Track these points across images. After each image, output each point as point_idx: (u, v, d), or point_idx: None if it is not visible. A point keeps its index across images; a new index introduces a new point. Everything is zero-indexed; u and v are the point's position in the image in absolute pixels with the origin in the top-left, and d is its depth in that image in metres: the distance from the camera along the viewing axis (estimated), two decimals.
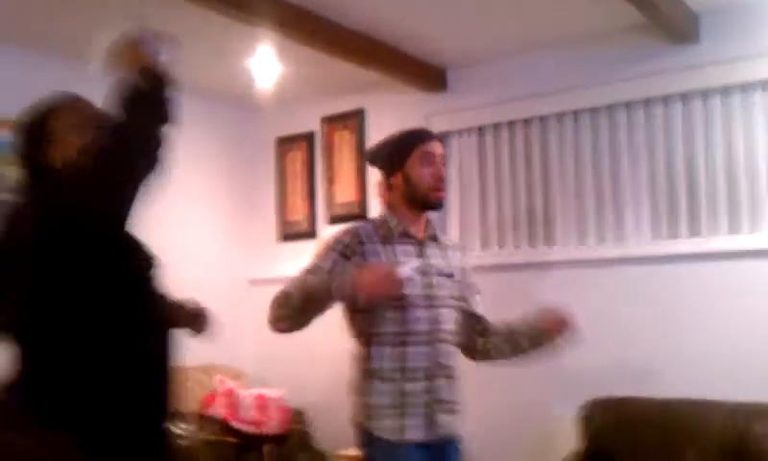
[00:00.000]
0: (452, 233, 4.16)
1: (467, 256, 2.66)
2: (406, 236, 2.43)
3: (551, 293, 3.75)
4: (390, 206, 2.49)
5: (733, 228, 3.41)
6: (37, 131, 1.88)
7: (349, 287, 2.19)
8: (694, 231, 3.50)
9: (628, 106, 3.68)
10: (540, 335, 2.55)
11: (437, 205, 2.47)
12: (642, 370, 3.45)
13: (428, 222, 2.52)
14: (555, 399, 3.67)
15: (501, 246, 4.02)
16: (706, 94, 3.48)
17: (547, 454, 3.51)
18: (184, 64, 3.62)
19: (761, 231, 3.33)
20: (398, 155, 2.45)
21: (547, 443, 3.63)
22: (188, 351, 2.06)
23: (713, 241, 3.42)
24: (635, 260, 3.58)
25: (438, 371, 2.38)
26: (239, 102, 4.61)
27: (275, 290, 4.79)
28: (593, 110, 3.77)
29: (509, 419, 3.78)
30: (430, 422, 2.36)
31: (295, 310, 2.30)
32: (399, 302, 2.32)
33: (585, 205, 3.78)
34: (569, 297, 3.67)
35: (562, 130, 3.86)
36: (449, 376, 2.43)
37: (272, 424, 3.93)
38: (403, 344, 2.33)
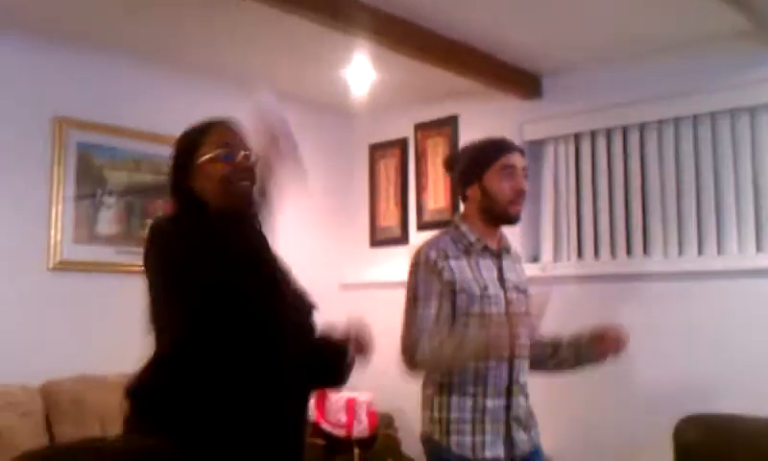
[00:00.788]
0: (546, 243, 4.10)
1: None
2: (486, 250, 2.38)
3: (647, 305, 3.65)
4: (464, 217, 2.44)
5: None
6: (185, 158, 1.93)
7: (497, 348, 2.19)
8: None
9: (732, 114, 3.54)
10: (587, 351, 2.46)
11: (514, 219, 2.39)
12: (738, 386, 3.31)
13: (502, 234, 2.47)
14: (647, 415, 3.56)
15: (597, 257, 3.93)
16: None
17: None
18: (282, 73, 3.73)
19: None
20: (478, 166, 2.38)
21: (640, 458, 3.52)
22: None
23: None
24: (736, 274, 3.44)
25: (516, 388, 2.35)
26: (334, 109, 4.68)
27: (365, 295, 4.85)
28: (696, 118, 3.64)
29: (598, 436, 3.69)
30: (509, 439, 2.32)
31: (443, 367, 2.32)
32: (483, 319, 2.28)
33: (684, 215, 3.66)
34: (666, 309, 3.59)
35: (661, 137, 3.75)
36: (526, 394, 2.39)
37: (360, 428, 3.96)
38: (485, 359, 2.29)
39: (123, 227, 3.74)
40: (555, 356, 2.52)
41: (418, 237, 4.47)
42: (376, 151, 4.83)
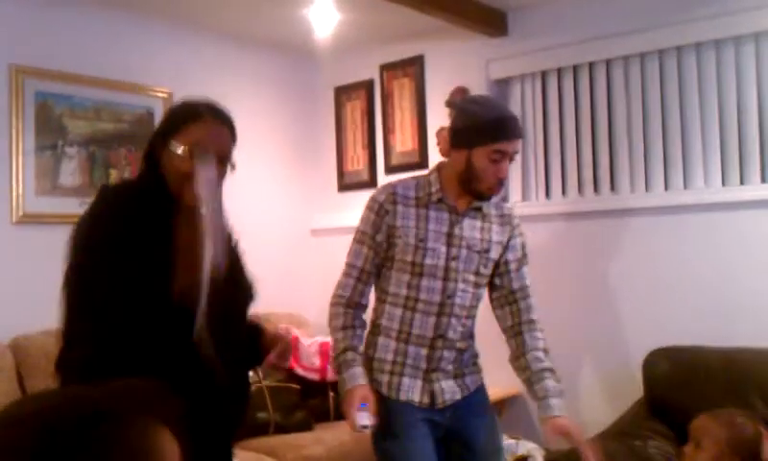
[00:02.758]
0: (514, 182, 4.11)
1: (516, 228, 2.48)
2: (443, 203, 2.36)
3: (614, 241, 3.69)
4: (440, 166, 2.41)
5: None
6: (164, 131, 1.89)
7: (341, 395, 2.31)
8: (765, 178, 3.38)
9: (698, 47, 3.54)
10: (543, 418, 2.38)
11: (487, 199, 2.37)
12: (709, 319, 3.38)
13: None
14: (619, 347, 3.63)
15: (565, 194, 3.94)
16: None
17: (611, 402, 3.48)
18: (243, 15, 3.65)
19: None
20: (472, 137, 2.29)
21: (612, 391, 3.60)
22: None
23: None
24: (703, 207, 3.48)
25: (441, 342, 2.36)
26: (297, 51, 4.59)
27: (335, 240, 4.86)
28: (661, 53, 3.64)
29: (572, 367, 3.75)
30: (430, 390, 2.35)
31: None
32: (416, 268, 2.32)
33: (652, 151, 3.68)
34: (633, 244, 3.63)
35: (628, 73, 3.74)
36: (457, 349, 2.40)
37: (332, 372, 3.98)
38: (413, 309, 2.33)
39: (86, 177, 3.66)
40: (527, 387, 2.46)
41: (386, 181, 4.44)
42: (342, 93, 4.76)
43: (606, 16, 3.74)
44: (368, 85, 4.64)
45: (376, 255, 2.35)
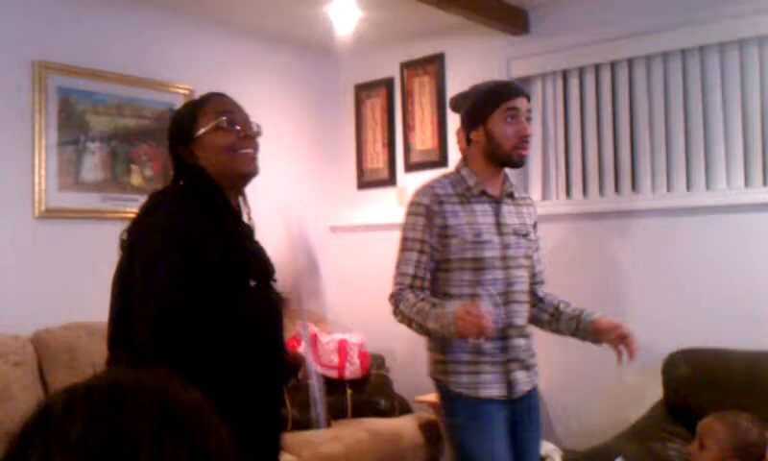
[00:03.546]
0: (534, 181, 4.09)
1: (535, 209, 2.62)
2: (484, 195, 2.40)
3: (636, 241, 3.67)
4: (467, 160, 2.45)
5: None
6: (185, 128, 1.89)
7: (451, 330, 2.19)
8: None
9: (721, 47, 3.50)
10: (587, 335, 2.50)
11: (519, 163, 2.42)
12: (730, 321, 3.35)
13: (506, 177, 2.49)
14: (640, 348, 3.60)
15: (586, 194, 3.92)
16: None
17: (630, 405, 3.45)
18: (266, 13, 3.66)
19: None
20: (482, 109, 2.38)
21: (630, 394, 3.57)
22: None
23: None
24: (725, 209, 3.44)
25: (514, 331, 2.39)
26: (318, 49, 4.60)
27: (354, 238, 4.88)
28: (684, 52, 3.60)
29: (592, 369, 3.73)
30: (506, 379, 2.38)
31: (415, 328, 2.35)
32: (477, 263, 2.33)
33: (674, 151, 3.64)
34: (655, 245, 3.60)
35: (650, 72, 3.71)
36: (525, 335, 2.45)
37: (352, 369, 3.99)
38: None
39: (107, 173, 3.69)
40: (553, 323, 2.58)
41: (405, 179, 4.45)
42: (362, 91, 4.76)
43: (628, 15, 3.71)
44: (388, 83, 4.63)
45: (431, 259, 2.35)
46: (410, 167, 4.49)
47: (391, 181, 4.57)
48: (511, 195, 2.47)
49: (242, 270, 1.79)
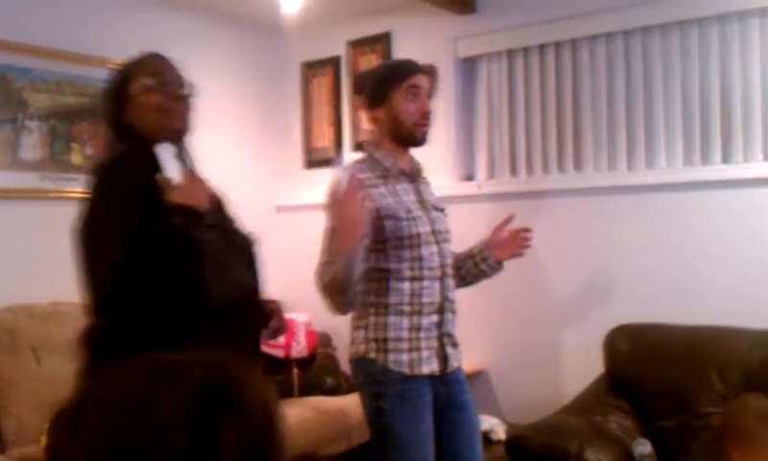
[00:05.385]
0: (479, 160, 4.12)
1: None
2: (403, 174, 2.41)
3: (579, 219, 3.72)
4: (375, 141, 2.44)
5: (766, 154, 3.33)
6: (119, 90, 1.92)
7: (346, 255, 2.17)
8: (727, 158, 3.43)
9: (663, 28, 3.57)
10: (485, 263, 2.56)
11: (421, 141, 2.42)
12: (670, 297, 3.43)
13: (411, 156, 2.49)
14: (579, 325, 3.68)
15: (530, 173, 3.96)
16: (743, 16, 3.36)
17: (573, 380, 3.53)
18: None
19: None
20: (383, 88, 2.38)
21: (573, 368, 3.65)
22: None
23: (747, 168, 3.34)
24: (666, 187, 3.52)
25: (447, 304, 2.41)
26: (264, 26, 4.54)
27: (300, 217, 4.85)
28: (627, 33, 3.66)
29: (535, 345, 3.80)
30: (443, 355, 2.39)
31: (348, 293, 2.26)
32: (414, 240, 2.34)
33: (616, 131, 3.71)
34: (597, 222, 3.67)
35: (594, 53, 3.76)
36: (455, 310, 2.46)
37: (299, 348, 3.99)
38: (420, 279, 2.34)
39: (47, 151, 3.60)
40: (464, 278, 2.61)
41: (352, 158, 4.43)
42: (309, 69, 4.73)
43: None
44: (335, 62, 4.60)
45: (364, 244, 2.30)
46: (358, 147, 4.48)
47: (338, 160, 4.55)
48: (420, 172, 2.50)
49: (162, 217, 1.81)
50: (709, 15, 3.42)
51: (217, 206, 1.98)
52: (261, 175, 4.68)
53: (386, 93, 2.37)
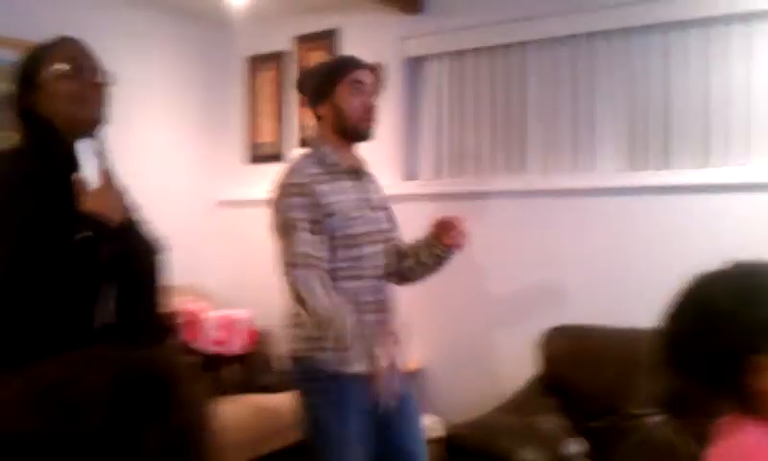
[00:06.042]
0: (425, 161, 4.14)
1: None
2: (347, 171, 2.40)
3: (521, 220, 3.77)
4: (322, 137, 2.43)
5: (704, 162, 3.41)
6: (29, 74, 1.78)
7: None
8: (665, 164, 3.51)
9: (607, 35, 3.63)
10: (434, 245, 2.52)
11: (365, 135, 2.43)
12: (604, 299, 3.48)
13: (357, 153, 2.50)
14: (515, 326, 3.72)
15: (477, 173, 3.99)
16: (685, 26, 3.43)
17: (507, 380, 3.56)
18: None
19: (731, 166, 3.33)
20: (326, 83, 2.38)
21: (509, 368, 3.68)
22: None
23: (683, 174, 3.42)
24: (606, 191, 3.57)
25: (383, 305, 2.42)
26: (208, 18, 4.48)
27: (243, 213, 4.78)
28: (573, 38, 3.71)
29: (471, 345, 3.83)
30: (376, 354, 2.37)
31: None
32: (358, 239, 2.34)
33: (560, 134, 3.76)
34: (537, 224, 3.71)
35: (541, 57, 3.80)
36: (393, 310, 2.46)
37: (237, 345, 3.94)
38: (360, 278, 2.34)
39: None
40: (419, 268, 2.58)
41: (297, 154, 4.41)
42: (255, 64, 4.68)
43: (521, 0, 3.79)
44: (281, 57, 4.57)
45: (321, 240, 2.29)
46: (302, 143, 4.45)
47: (282, 156, 4.52)
48: (364, 169, 2.50)
49: (67, 224, 1.69)
50: (652, 24, 3.48)
51: (128, 216, 1.85)
52: (202, 169, 4.61)
53: (329, 89, 2.37)
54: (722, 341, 1.16)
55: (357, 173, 2.44)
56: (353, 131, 2.40)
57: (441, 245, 2.50)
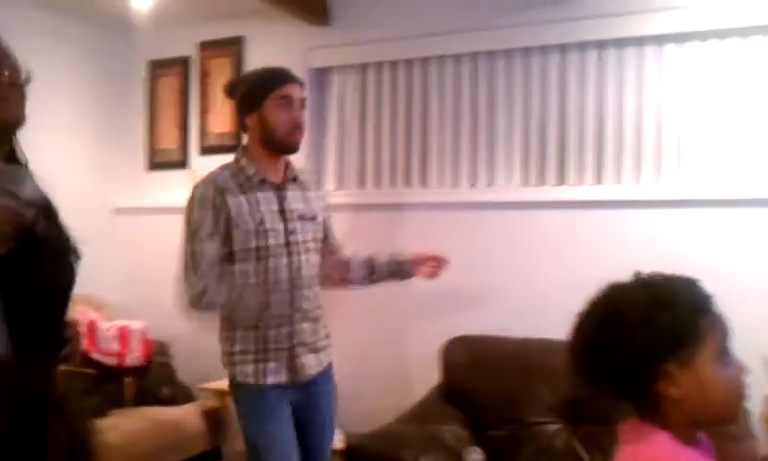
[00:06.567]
0: (329, 171, 4.14)
1: (323, 189, 2.72)
2: (265, 182, 2.41)
3: (423, 232, 3.82)
4: (244, 149, 2.46)
5: (598, 178, 3.54)
6: None
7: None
8: (561, 180, 3.63)
9: (507, 53, 3.73)
10: (403, 266, 2.69)
11: (293, 149, 2.45)
12: (505, 310, 3.57)
13: (288, 163, 2.51)
14: (417, 336, 3.76)
15: (378, 186, 4.02)
16: (582, 47, 3.57)
17: (408, 389, 3.60)
18: None
19: (624, 183, 3.47)
20: (256, 96, 2.40)
21: (409, 378, 3.72)
22: None
23: (579, 190, 3.55)
24: (504, 205, 3.67)
25: (299, 315, 2.42)
26: (111, 21, 4.35)
27: (142, 220, 4.68)
28: (474, 55, 3.80)
29: (377, 354, 3.85)
30: (293, 365, 2.41)
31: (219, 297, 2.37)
32: (260, 252, 2.35)
33: (460, 149, 3.83)
34: (439, 236, 3.77)
35: (442, 73, 3.87)
36: (312, 318, 2.48)
37: (133, 356, 3.83)
38: (266, 293, 2.36)
39: None
40: (373, 276, 2.70)
41: (199, 162, 4.34)
42: (157, 69, 4.58)
43: (426, 16, 3.84)
44: (184, 62, 4.49)
45: (221, 249, 2.35)
46: (205, 150, 4.38)
47: (184, 163, 4.43)
48: (295, 179, 2.50)
49: None
50: (550, 44, 3.61)
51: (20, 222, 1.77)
52: (101, 175, 4.47)
53: (258, 101, 2.39)
54: (632, 350, 1.19)
55: (279, 185, 2.44)
56: (280, 144, 2.41)
57: (412, 271, 2.70)
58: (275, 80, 2.42)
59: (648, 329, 1.19)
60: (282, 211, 2.42)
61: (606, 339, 1.23)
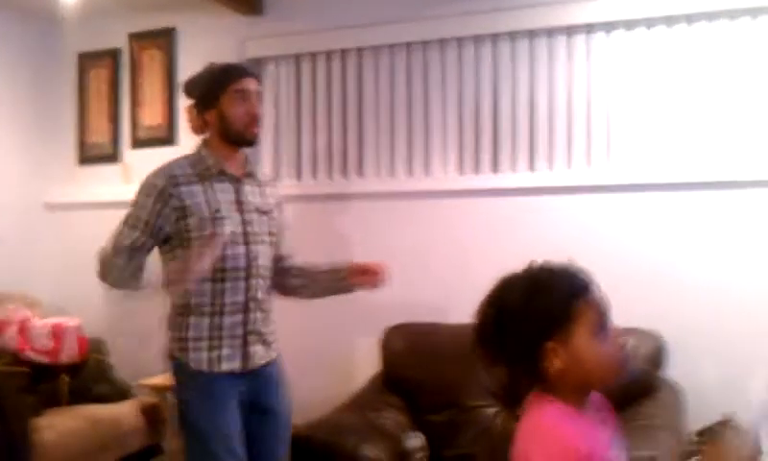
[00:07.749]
0: (265, 162, 4.12)
1: (278, 190, 2.74)
2: (223, 174, 2.46)
3: (359, 222, 3.84)
4: (205, 141, 2.51)
5: (531, 165, 3.61)
6: None
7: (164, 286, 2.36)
8: (496, 168, 3.68)
9: (441, 43, 3.76)
10: (342, 283, 2.67)
11: (251, 141, 2.51)
12: (443, 297, 3.61)
13: (246, 158, 2.57)
14: (358, 325, 3.79)
15: (315, 176, 4.02)
16: (514, 36, 3.63)
17: (350, 378, 3.62)
18: None
19: (555, 170, 3.55)
20: (213, 91, 2.46)
21: (350, 367, 3.75)
22: None
23: (513, 177, 3.61)
24: (440, 194, 3.72)
25: (253, 304, 2.46)
26: (37, 12, 4.24)
27: (74, 215, 4.60)
28: (409, 45, 3.82)
29: (313, 343, 3.85)
30: (245, 353, 2.45)
31: (123, 281, 2.40)
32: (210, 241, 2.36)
33: (396, 138, 3.86)
34: (376, 226, 3.80)
35: (377, 63, 3.89)
36: (264, 309, 2.52)
37: (68, 354, 3.76)
38: (222, 280, 2.40)
39: None
40: (310, 287, 2.70)
41: (131, 155, 4.27)
42: (86, 61, 4.48)
43: (360, 6, 3.85)
44: (115, 54, 4.40)
45: (148, 241, 2.39)
46: (137, 143, 4.31)
47: (114, 156, 4.36)
48: (252, 175, 2.56)
49: None
50: (483, 34, 3.66)
51: None
52: (30, 170, 4.37)
53: (215, 96, 2.44)
54: (516, 334, 1.38)
55: (236, 177, 2.48)
56: (238, 137, 2.46)
57: (351, 283, 2.67)
58: (231, 74, 2.48)
59: (527, 315, 1.37)
60: (239, 202, 2.47)
61: (494, 325, 1.42)
